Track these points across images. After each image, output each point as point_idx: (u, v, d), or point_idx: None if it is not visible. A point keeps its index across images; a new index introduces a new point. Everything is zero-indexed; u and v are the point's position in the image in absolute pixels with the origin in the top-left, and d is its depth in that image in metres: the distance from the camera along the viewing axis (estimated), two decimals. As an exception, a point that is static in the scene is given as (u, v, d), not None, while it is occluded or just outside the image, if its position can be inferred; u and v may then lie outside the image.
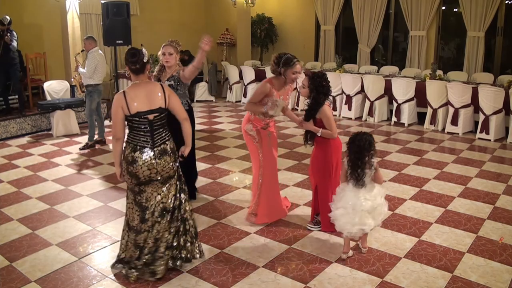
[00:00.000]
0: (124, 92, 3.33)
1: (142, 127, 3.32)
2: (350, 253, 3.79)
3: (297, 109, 9.71)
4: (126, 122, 3.37)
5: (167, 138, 3.43)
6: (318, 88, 3.87)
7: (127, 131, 3.42)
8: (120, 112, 3.30)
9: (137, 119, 3.31)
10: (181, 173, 3.60)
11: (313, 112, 3.94)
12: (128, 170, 3.35)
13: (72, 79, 7.91)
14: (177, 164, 3.51)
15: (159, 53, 4.65)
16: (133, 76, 3.41)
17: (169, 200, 3.44)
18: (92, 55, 6.85)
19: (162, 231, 3.43)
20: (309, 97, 3.96)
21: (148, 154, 3.31)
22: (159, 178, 3.38)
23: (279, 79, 4.16)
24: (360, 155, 3.52)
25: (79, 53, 7.59)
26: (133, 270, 3.45)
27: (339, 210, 3.67)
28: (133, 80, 3.43)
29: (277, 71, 4.12)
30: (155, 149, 3.33)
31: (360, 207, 3.57)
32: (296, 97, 9.80)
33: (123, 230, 3.57)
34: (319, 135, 3.97)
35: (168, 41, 4.65)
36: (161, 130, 3.39)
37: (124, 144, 3.40)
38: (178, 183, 3.53)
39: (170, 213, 3.45)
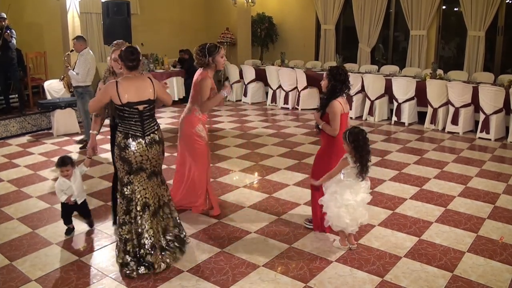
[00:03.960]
0: (116, 82, 3.48)
1: (133, 116, 3.49)
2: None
3: (297, 108, 9.73)
4: (116, 112, 3.56)
5: (156, 128, 3.64)
6: (336, 76, 3.96)
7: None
8: (107, 99, 3.48)
9: (128, 109, 3.46)
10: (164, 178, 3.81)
11: (326, 101, 3.98)
12: (121, 156, 3.52)
13: (61, 80, 7.83)
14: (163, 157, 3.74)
15: (109, 58, 4.05)
16: (126, 72, 3.57)
17: (151, 197, 3.61)
18: (84, 58, 6.64)
19: (145, 226, 3.54)
20: (327, 87, 4.03)
21: (139, 141, 3.49)
22: (148, 166, 3.55)
23: (211, 69, 4.35)
24: (368, 147, 3.63)
25: (68, 54, 7.26)
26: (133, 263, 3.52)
27: (342, 208, 3.69)
28: (125, 75, 3.58)
29: (205, 62, 4.28)
30: (145, 137, 3.52)
31: (367, 200, 3.77)
32: (296, 96, 9.81)
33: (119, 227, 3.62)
34: (320, 127, 4.04)
35: (117, 44, 3.99)
36: (150, 120, 3.59)
37: (117, 133, 3.57)
38: (163, 182, 3.77)
39: (153, 210, 3.60)
